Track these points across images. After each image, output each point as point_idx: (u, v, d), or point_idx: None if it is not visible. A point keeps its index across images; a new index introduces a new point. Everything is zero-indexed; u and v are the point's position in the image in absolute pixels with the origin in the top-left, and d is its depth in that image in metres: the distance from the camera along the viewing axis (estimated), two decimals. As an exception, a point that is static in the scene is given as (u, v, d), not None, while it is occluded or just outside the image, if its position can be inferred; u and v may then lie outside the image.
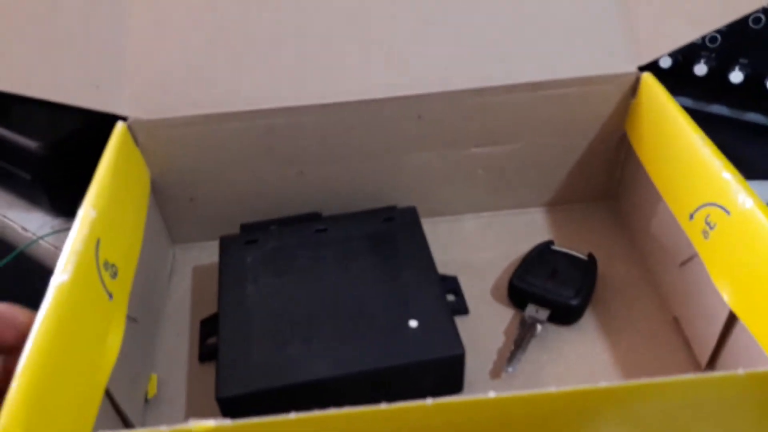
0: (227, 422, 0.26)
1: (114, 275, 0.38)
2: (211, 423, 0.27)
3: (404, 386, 0.39)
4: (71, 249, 0.34)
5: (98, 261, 0.36)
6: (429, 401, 0.26)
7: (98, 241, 0.37)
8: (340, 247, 0.45)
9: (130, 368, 0.39)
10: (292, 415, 0.26)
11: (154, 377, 0.43)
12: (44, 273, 0.55)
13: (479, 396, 0.27)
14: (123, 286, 0.39)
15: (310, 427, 0.27)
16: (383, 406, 0.26)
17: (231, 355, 0.39)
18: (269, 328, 0.40)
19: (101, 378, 0.34)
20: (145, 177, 0.48)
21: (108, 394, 0.35)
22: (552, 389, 0.27)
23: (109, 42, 0.47)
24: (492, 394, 0.27)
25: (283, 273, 0.44)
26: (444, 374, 0.40)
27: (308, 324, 0.40)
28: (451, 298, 0.47)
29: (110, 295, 0.37)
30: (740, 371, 0.27)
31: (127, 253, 0.41)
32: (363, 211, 0.49)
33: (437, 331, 0.39)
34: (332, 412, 0.26)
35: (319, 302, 0.42)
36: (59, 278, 0.33)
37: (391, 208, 0.49)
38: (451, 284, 0.47)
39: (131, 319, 0.40)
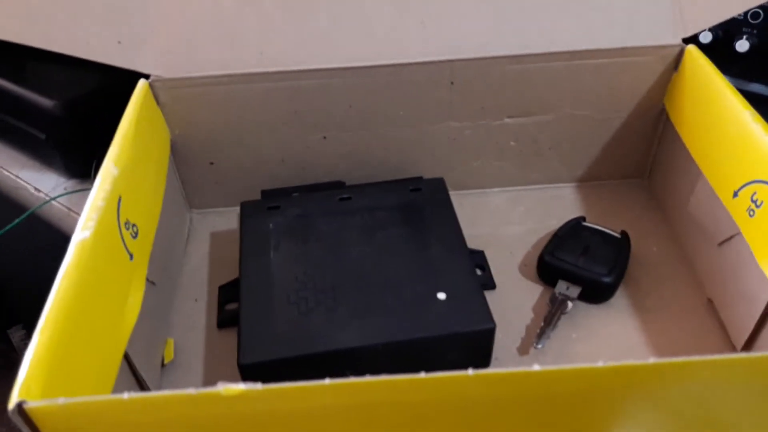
0: (258, 386, 0.25)
1: (135, 235, 0.37)
2: (241, 387, 0.25)
3: (430, 360, 0.38)
4: (92, 205, 0.33)
5: (119, 219, 0.35)
6: (470, 372, 0.25)
7: (120, 199, 0.35)
8: (365, 217, 0.44)
9: (147, 331, 0.38)
10: (327, 381, 0.25)
11: (171, 341, 0.42)
12: (56, 234, 0.55)
13: (523, 368, 0.25)
14: (143, 247, 0.38)
15: (343, 393, 0.26)
16: (422, 375, 0.25)
17: (253, 322, 0.38)
18: (292, 296, 0.39)
19: (122, 338, 0.33)
20: (166, 138, 0.46)
21: (125, 356, 0.34)
22: (599, 364, 0.25)
23: (133, -4, 0.45)
24: (537, 367, 0.25)
25: (307, 240, 0.42)
26: (472, 348, 0.38)
27: (333, 293, 0.39)
28: (477, 272, 0.45)
29: (131, 255, 0.36)
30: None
31: (147, 213, 0.40)
32: (389, 181, 0.47)
33: (467, 304, 0.38)
34: (367, 379, 0.25)
35: (344, 271, 0.40)
36: (81, 234, 0.31)
37: (418, 179, 0.47)
38: (478, 259, 0.46)
39: (149, 283, 0.39)
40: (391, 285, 0.39)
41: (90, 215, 0.33)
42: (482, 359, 0.39)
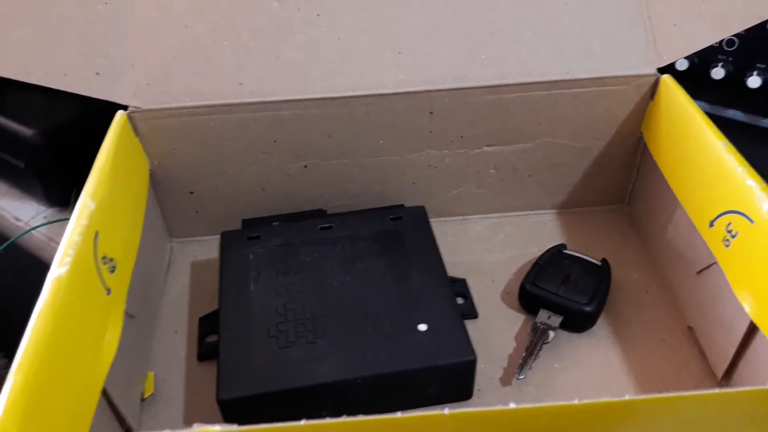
0: (233, 428, 0.25)
1: (112, 269, 0.37)
2: (216, 428, 0.25)
3: (411, 392, 0.38)
4: (69, 241, 0.33)
5: (96, 254, 0.35)
6: (446, 411, 0.25)
7: (97, 234, 0.35)
8: (346, 246, 0.44)
9: (126, 366, 0.38)
10: (302, 423, 0.25)
11: (151, 375, 0.42)
12: (36, 264, 0.54)
13: (499, 407, 0.25)
14: (121, 281, 0.38)
15: (320, 435, 0.25)
16: (399, 415, 0.25)
17: (232, 356, 0.37)
18: (272, 329, 0.39)
19: (98, 377, 0.33)
20: (145, 169, 0.46)
21: (104, 392, 0.34)
22: (575, 401, 0.25)
23: (111, 28, 0.45)
24: (512, 405, 0.25)
25: (287, 271, 0.42)
26: (454, 381, 0.38)
27: (313, 325, 0.39)
28: (459, 301, 0.45)
29: (108, 291, 0.35)
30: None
31: (125, 246, 0.40)
32: (370, 210, 0.47)
33: (448, 336, 0.38)
34: (344, 420, 0.25)
35: (325, 303, 0.40)
36: (57, 272, 0.31)
37: (399, 207, 0.48)
38: (460, 287, 0.46)
39: (128, 316, 0.38)
40: (372, 317, 0.39)
41: (66, 251, 0.32)
42: (464, 391, 0.39)
